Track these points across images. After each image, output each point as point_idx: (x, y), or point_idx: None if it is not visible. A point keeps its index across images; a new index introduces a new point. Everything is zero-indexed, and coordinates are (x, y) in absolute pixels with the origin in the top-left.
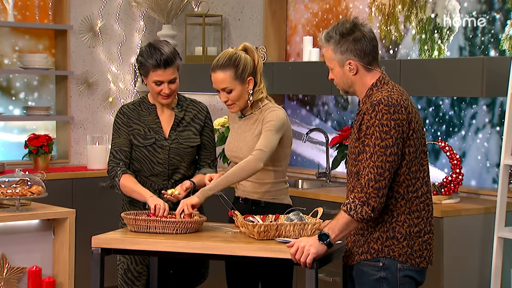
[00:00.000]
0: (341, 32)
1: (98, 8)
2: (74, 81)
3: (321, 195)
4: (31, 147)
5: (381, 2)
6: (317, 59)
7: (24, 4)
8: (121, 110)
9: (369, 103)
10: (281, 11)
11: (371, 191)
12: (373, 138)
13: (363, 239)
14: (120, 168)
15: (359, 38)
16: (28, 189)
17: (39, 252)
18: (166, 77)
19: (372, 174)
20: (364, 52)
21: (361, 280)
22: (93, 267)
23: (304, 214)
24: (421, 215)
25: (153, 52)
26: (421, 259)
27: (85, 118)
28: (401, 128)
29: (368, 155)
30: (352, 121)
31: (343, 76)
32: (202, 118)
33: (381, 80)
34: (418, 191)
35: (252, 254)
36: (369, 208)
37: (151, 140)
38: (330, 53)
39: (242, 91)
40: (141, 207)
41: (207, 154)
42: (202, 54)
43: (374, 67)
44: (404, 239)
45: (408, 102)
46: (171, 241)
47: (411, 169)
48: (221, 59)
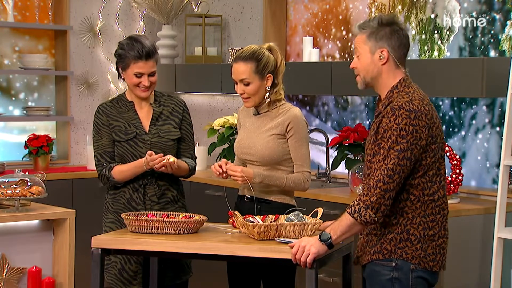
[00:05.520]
0: (379, 21)
1: (98, 9)
2: (74, 81)
3: (321, 196)
4: (31, 148)
5: (381, 3)
6: (317, 60)
7: (24, 5)
8: (99, 109)
9: (390, 107)
10: (281, 12)
11: (378, 192)
12: (389, 141)
13: (376, 239)
14: (106, 167)
15: (396, 30)
16: (28, 189)
17: (39, 252)
18: (147, 69)
19: (381, 175)
20: (398, 45)
21: (373, 280)
22: (93, 268)
23: (304, 215)
24: (436, 219)
25: (135, 44)
26: (434, 263)
27: (85, 119)
28: (419, 134)
29: (382, 157)
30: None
31: (370, 64)
32: (180, 111)
33: (402, 83)
34: (435, 195)
35: (252, 255)
36: (372, 212)
37: (132, 134)
38: (364, 39)
39: (260, 86)
40: (124, 203)
41: (185, 148)
42: (202, 55)
43: (401, 66)
44: (418, 241)
45: (429, 108)
46: (171, 242)
47: (427, 173)
48: (245, 51)
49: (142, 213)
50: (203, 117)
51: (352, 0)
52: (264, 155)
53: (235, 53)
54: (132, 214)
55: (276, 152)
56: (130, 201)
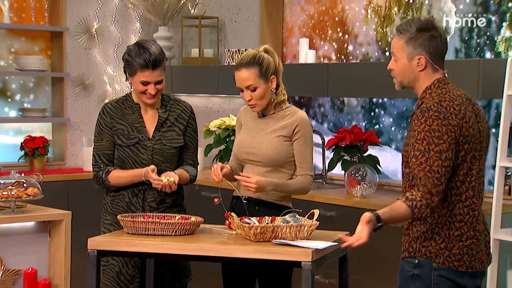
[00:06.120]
0: (418, 26)
1: (94, 10)
2: (70, 83)
3: (317, 197)
4: (27, 149)
5: (377, 4)
6: (313, 61)
7: (20, 6)
8: (104, 109)
9: (419, 110)
10: (277, 13)
11: (434, 191)
12: (425, 143)
13: (407, 239)
14: (103, 170)
15: (435, 36)
16: (23, 191)
17: (34, 254)
18: (153, 78)
19: (430, 179)
20: (436, 51)
21: (399, 276)
22: (89, 269)
23: (300, 216)
24: (464, 219)
25: (142, 52)
26: (460, 263)
27: (81, 120)
28: (453, 133)
29: (424, 159)
30: (366, 125)
31: (407, 69)
32: (185, 117)
33: (436, 84)
34: (462, 195)
35: (248, 256)
36: (430, 211)
37: (134, 139)
38: (402, 44)
39: (266, 89)
40: (124, 206)
41: (188, 154)
42: (198, 56)
43: (439, 68)
44: (442, 241)
45: (460, 108)
46: (167, 243)
47: (457, 172)
48: (245, 58)
49: (138, 214)
50: (199, 118)
51: (348, 1)
52: (269, 156)
53: (230, 55)
54: (128, 216)
55: (281, 154)
56: (130, 205)
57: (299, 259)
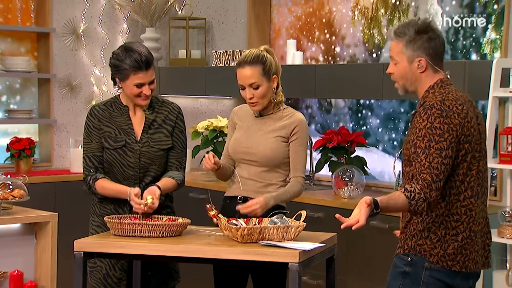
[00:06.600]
0: (416, 29)
1: (81, 11)
2: (57, 84)
3: (305, 198)
4: (13, 151)
5: (364, 6)
6: (301, 62)
7: (6, 7)
8: (92, 112)
9: (422, 107)
10: (265, 15)
11: (434, 186)
12: (425, 140)
13: (404, 236)
14: (91, 177)
15: (433, 37)
16: (9, 192)
17: (21, 256)
18: (147, 79)
19: (429, 175)
20: (435, 52)
21: (390, 271)
22: (76, 271)
23: (287, 217)
24: (461, 219)
25: (131, 54)
26: (454, 263)
27: (68, 121)
28: (455, 132)
29: (424, 156)
30: (353, 126)
31: (408, 72)
32: (173, 118)
33: (439, 83)
34: (461, 195)
35: (235, 257)
36: (426, 205)
37: (121, 142)
38: (401, 48)
39: (268, 88)
40: (111, 209)
41: (174, 155)
42: (186, 57)
43: (440, 69)
44: (437, 240)
45: (463, 108)
46: (154, 245)
47: (456, 172)
48: (248, 56)
49: (125, 216)
50: (187, 119)
51: (336, 3)
52: (267, 156)
53: (218, 57)
54: (115, 217)
55: (278, 154)
56: (117, 208)
57: (286, 260)
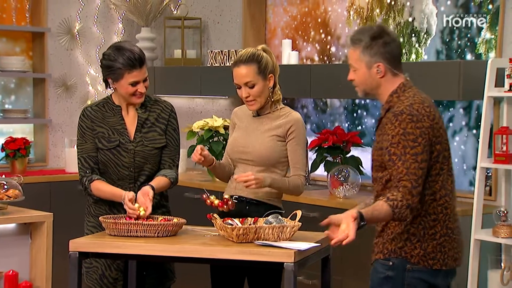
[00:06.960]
0: (371, 35)
1: (76, 11)
2: (52, 83)
3: (300, 198)
4: (8, 150)
5: (359, 6)
6: (296, 62)
7: (1, 6)
8: (84, 113)
9: (391, 113)
10: (260, 14)
11: (415, 192)
12: (400, 146)
13: (381, 240)
14: (87, 178)
15: (388, 41)
16: (4, 192)
17: (16, 256)
18: (142, 76)
19: (409, 181)
20: (392, 56)
21: (371, 278)
22: (71, 271)
23: (283, 217)
24: (438, 218)
25: (124, 53)
26: (434, 261)
27: (63, 121)
28: (427, 135)
29: (400, 163)
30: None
31: (368, 78)
32: (166, 117)
33: (401, 87)
34: (436, 194)
35: (231, 257)
36: (409, 211)
37: (115, 142)
38: (358, 54)
39: (264, 87)
40: (106, 209)
41: (167, 153)
42: (181, 57)
43: (399, 73)
44: (417, 241)
45: (430, 110)
46: (150, 245)
47: (430, 173)
48: (244, 55)
49: (120, 216)
50: (182, 119)
51: (331, 3)
52: (262, 155)
53: (213, 57)
54: (110, 217)
55: (274, 153)
56: (112, 208)
57: (282, 260)
